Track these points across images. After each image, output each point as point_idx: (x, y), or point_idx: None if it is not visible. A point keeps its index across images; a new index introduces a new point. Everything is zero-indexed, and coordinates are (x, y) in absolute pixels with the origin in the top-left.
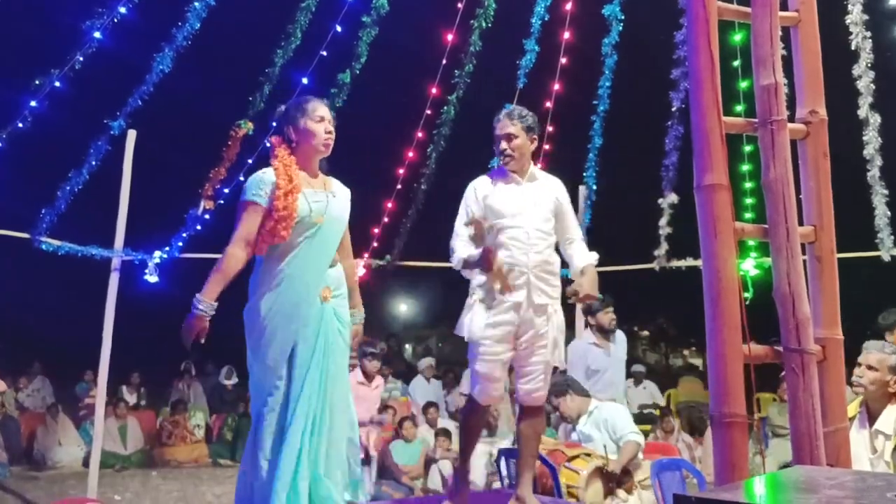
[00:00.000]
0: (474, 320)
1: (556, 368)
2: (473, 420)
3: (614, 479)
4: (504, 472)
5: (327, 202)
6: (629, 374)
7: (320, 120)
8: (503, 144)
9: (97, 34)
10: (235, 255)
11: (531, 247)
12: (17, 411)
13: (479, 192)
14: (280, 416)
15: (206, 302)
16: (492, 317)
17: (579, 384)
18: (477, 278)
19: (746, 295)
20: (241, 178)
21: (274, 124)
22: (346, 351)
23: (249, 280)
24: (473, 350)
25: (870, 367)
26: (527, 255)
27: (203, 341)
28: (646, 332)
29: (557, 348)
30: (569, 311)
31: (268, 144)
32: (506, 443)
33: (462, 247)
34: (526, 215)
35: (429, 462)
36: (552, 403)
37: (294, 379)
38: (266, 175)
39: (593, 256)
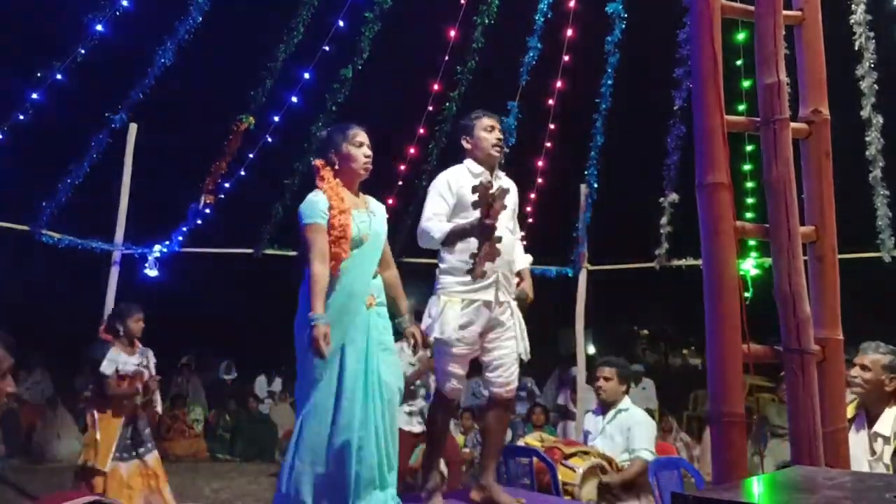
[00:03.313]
0: (447, 321)
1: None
2: (446, 417)
3: (611, 491)
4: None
5: (370, 220)
6: None
7: (360, 145)
8: (498, 134)
9: (99, 27)
10: (322, 273)
11: (501, 245)
12: (17, 404)
13: (454, 184)
14: (332, 414)
15: (318, 314)
16: (463, 317)
17: (630, 373)
18: (448, 275)
19: (746, 295)
20: (242, 173)
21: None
22: (392, 337)
23: (299, 292)
24: (444, 350)
25: (863, 368)
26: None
27: (324, 349)
28: (645, 332)
29: (524, 340)
30: (569, 310)
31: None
32: None
33: (439, 223)
34: None
35: None
36: (596, 374)
37: (346, 378)
38: (319, 197)
39: (528, 259)
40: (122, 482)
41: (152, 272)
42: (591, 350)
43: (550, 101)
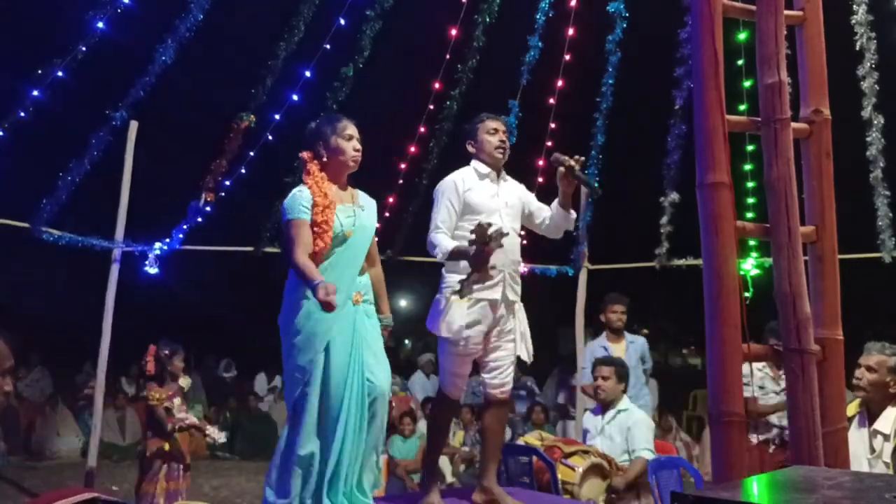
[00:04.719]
0: (453, 318)
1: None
2: (447, 415)
3: (616, 492)
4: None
5: (356, 215)
6: None
7: (349, 138)
8: (501, 136)
9: (100, 24)
10: (306, 261)
11: (507, 245)
12: (17, 401)
13: (461, 186)
14: (319, 409)
15: (317, 279)
16: (469, 316)
17: (627, 373)
18: (454, 273)
19: (746, 295)
20: (243, 171)
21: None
22: (381, 338)
23: (285, 289)
24: (448, 347)
25: (869, 369)
26: (504, 253)
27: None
28: (645, 332)
29: (525, 341)
30: (569, 309)
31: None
32: None
33: (446, 238)
34: (501, 214)
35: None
36: (594, 374)
37: (333, 374)
38: (303, 192)
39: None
40: None
41: (153, 270)
42: None
43: (551, 100)
